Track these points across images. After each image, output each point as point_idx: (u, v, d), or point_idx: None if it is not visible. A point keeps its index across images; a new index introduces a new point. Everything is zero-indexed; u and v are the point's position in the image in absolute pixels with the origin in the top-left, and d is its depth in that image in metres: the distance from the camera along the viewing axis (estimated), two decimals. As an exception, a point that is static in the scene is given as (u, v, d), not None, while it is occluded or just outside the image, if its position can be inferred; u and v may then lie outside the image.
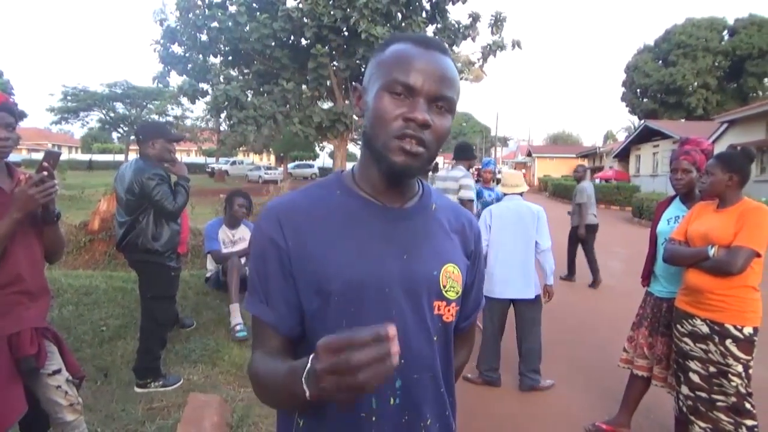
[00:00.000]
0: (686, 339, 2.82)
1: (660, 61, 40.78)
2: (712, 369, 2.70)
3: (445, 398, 1.10)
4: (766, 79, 38.09)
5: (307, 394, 0.78)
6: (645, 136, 28.12)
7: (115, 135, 49.06)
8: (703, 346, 2.73)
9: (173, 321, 4.29)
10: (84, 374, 2.48)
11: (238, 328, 4.47)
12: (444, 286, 1.06)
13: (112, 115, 40.27)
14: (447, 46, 1.07)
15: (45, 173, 2.02)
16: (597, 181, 28.81)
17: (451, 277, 1.07)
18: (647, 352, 3.25)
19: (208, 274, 5.41)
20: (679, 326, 2.87)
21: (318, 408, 0.93)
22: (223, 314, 4.85)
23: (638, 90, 42.17)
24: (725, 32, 39.64)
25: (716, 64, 38.30)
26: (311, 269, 1.00)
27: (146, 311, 3.73)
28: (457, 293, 1.08)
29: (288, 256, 1.01)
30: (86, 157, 52.06)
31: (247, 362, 3.56)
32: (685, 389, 2.84)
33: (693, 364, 2.78)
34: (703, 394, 2.74)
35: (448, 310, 1.07)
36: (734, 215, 2.68)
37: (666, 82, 39.14)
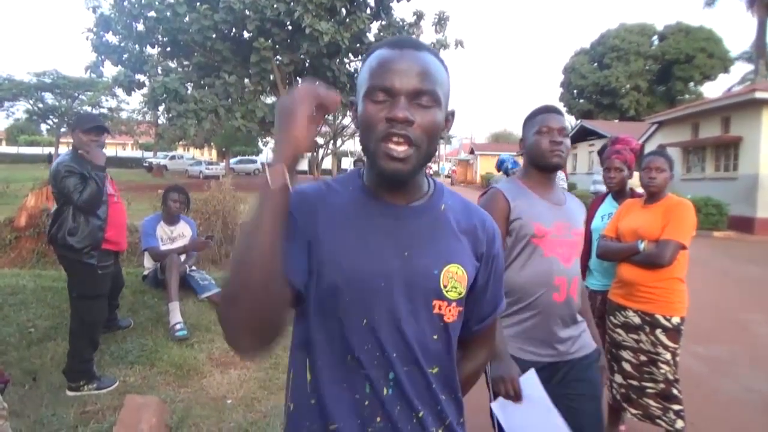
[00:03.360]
0: (619, 330, 2.95)
1: (595, 64, 42.30)
2: (642, 358, 2.84)
3: (437, 395, 1.10)
4: (691, 83, 40.18)
5: (269, 179, 0.90)
6: (581, 135, 29.16)
7: (44, 127, 46.60)
8: (635, 336, 2.87)
9: (104, 321, 4.10)
10: (8, 378, 2.37)
11: (177, 327, 4.34)
12: (445, 286, 1.07)
13: (40, 105, 38.09)
14: (422, 42, 1.08)
15: None
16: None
17: (454, 277, 1.08)
18: (582, 342, 3.39)
19: (145, 272, 5.24)
20: (612, 318, 3.01)
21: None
22: (161, 313, 4.70)
23: (575, 91, 43.60)
24: (655, 38, 41.54)
25: (647, 67, 40.05)
26: (315, 252, 1.04)
27: (73, 311, 3.59)
28: (459, 294, 1.09)
29: (301, 231, 1.04)
30: (12, 149, 49.24)
31: (188, 363, 3.43)
32: (618, 378, 2.97)
33: (625, 354, 2.92)
34: (635, 382, 2.88)
35: (449, 310, 1.08)
36: (661, 210, 2.83)
37: (601, 84, 40.63)
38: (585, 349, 1.97)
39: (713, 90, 64.06)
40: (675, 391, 2.79)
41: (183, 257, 5.05)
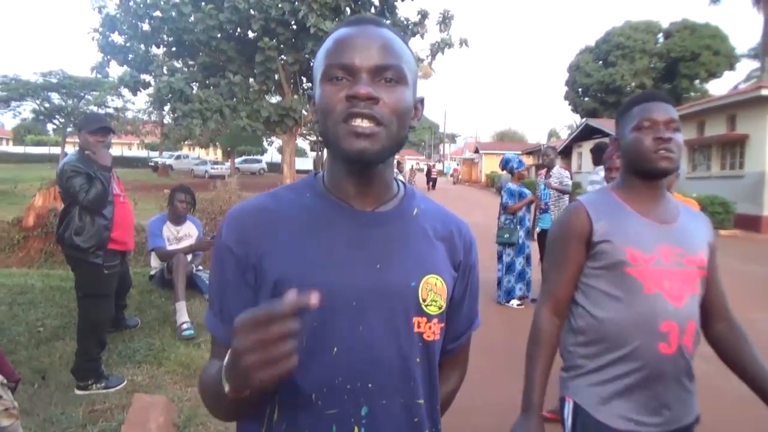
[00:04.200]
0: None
1: (600, 62, 42.22)
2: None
3: (422, 430, 0.96)
4: (697, 81, 40.04)
5: (226, 388, 0.74)
6: (586, 133, 29.05)
7: (50, 126, 46.79)
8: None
9: (111, 320, 4.13)
10: (19, 377, 2.38)
11: (184, 326, 4.37)
12: (424, 300, 0.94)
13: (46, 105, 38.26)
14: (381, 19, 1.00)
15: None
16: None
17: (433, 289, 0.95)
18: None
19: (152, 272, 5.28)
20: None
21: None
22: (168, 313, 4.73)
23: (580, 89, 43.52)
24: (660, 35, 41.42)
25: (652, 65, 39.97)
26: (272, 277, 0.90)
27: (80, 310, 3.62)
28: (440, 308, 0.96)
29: (246, 264, 0.93)
30: (19, 149, 49.47)
31: (195, 363, 3.47)
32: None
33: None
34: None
35: (430, 327, 0.95)
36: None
37: (606, 82, 40.56)
38: (693, 413, 1.53)
39: (719, 88, 63.80)
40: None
41: (190, 257, 5.07)
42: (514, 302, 6.42)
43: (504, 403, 3.86)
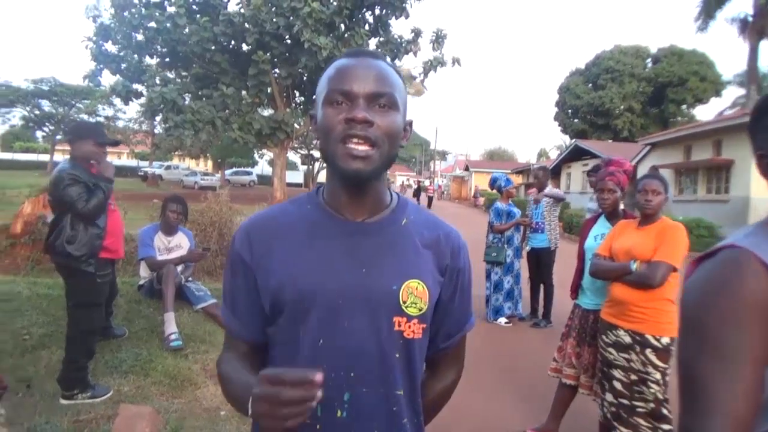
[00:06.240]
0: (610, 349, 2.99)
1: (590, 84, 42.78)
2: (633, 377, 2.88)
3: (400, 418, 1.07)
4: (684, 106, 40.67)
5: (249, 412, 0.87)
6: (575, 154, 29.38)
7: (39, 134, 46.51)
8: (626, 356, 2.91)
9: (101, 330, 4.11)
10: (6, 385, 2.37)
11: (172, 337, 4.34)
12: (404, 302, 1.04)
13: (36, 112, 38.11)
14: (379, 52, 1.12)
15: None
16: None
17: (414, 293, 1.05)
18: (575, 361, 3.43)
19: (141, 282, 5.24)
20: (604, 336, 3.05)
21: None
22: (156, 323, 4.70)
23: (570, 110, 44.03)
24: (649, 60, 42.12)
25: (640, 89, 40.53)
26: (272, 281, 1.05)
27: (70, 319, 3.59)
28: (420, 310, 1.06)
29: (253, 271, 1.07)
30: (7, 155, 49.03)
31: (182, 374, 3.45)
32: (609, 396, 3.01)
33: (616, 373, 2.96)
34: (625, 401, 2.91)
35: (409, 327, 1.05)
36: (654, 232, 2.89)
37: (595, 105, 41.09)
38: None
39: (705, 113, 64.97)
40: (665, 411, 2.82)
41: (180, 268, 5.06)
42: (502, 320, 6.45)
43: (484, 420, 3.88)
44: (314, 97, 1.12)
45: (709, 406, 0.87)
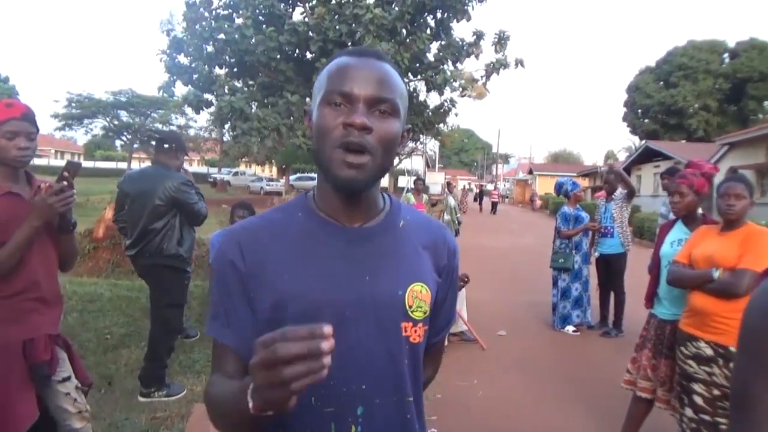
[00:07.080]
0: (690, 361, 2.83)
1: (661, 83, 41.08)
2: (716, 392, 2.71)
3: (413, 426, 1.04)
4: (766, 102, 38.34)
5: (250, 404, 0.75)
6: (646, 156, 28.23)
7: (118, 143, 49.22)
8: (708, 369, 2.75)
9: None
10: (92, 381, 2.51)
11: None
12: (410, 307, 1.01)
13: (115, 122, 40.43)
14: (383, 53, 1.07)
15: (65, 183, 2.06)
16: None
17: (419, 297, 1.03)
18: (651, 374, 3.26)
19: (212, 285, 5.43)
20: (683, 348, 2.89)
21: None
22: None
23: (639, 110, 42.41)
24: (726, 55, 40.00)
25: (717, 86, 38.56)
26: (269, 292, 0.97)
27: (159, 319, 3.74)
28: (424, 313, 1.04)
29: (247, 279, 0.99)
30: (90, 164, 52.18)
31: (204, 388, 3.56)
32: (689, 411, 2.85)
33: (697, 387, 2.80)
34: (707, 417, 2.75)
35: (415, 331, 1.03)
36: (738, 238, 2.72)
37: (667, 104, 39.38)
38: None
39: (790, 109, 60.59)
40: (751, 428, 2.65)
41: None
42: (570, 328, 6.25)
43: (548, 430, 3.76)
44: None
45: (757, 427, 0.82)
